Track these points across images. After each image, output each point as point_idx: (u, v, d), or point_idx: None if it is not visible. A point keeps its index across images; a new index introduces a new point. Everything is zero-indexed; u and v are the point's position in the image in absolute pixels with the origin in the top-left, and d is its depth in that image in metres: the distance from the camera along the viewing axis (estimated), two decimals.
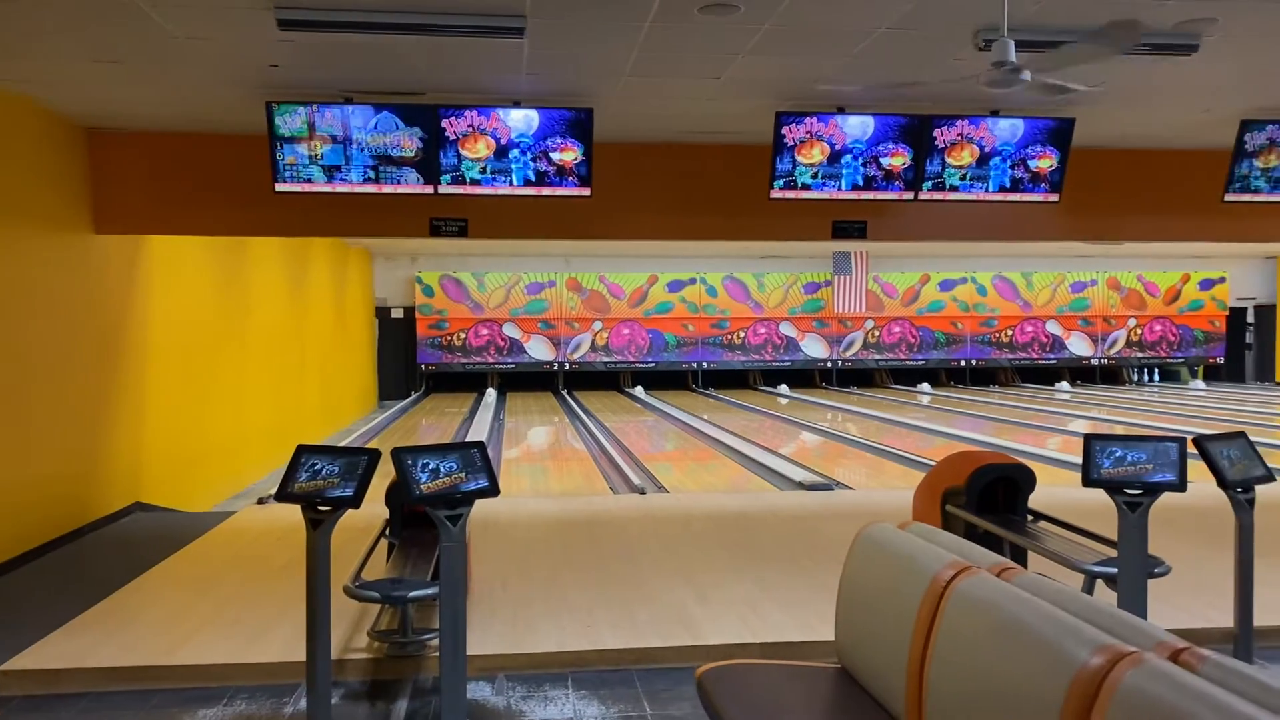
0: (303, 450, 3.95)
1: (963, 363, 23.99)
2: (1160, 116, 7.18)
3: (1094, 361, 24.29)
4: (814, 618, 5.05)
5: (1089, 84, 5.22)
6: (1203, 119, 7.20)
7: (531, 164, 6.60)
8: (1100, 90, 5.92)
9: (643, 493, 9.26)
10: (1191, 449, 4.39)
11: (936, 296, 23.75)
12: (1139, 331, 24.27)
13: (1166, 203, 8.39)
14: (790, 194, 6.88)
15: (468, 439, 9.02)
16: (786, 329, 23.42)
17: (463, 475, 3.82)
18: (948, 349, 23.89)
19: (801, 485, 9.57)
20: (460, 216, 7.56)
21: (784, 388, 22.98)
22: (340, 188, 6.61)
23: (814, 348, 23.56)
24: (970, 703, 2.52)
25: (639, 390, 22.28)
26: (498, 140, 6.53)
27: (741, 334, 23.24)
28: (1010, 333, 23.99)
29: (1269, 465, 4.68)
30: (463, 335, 22.34)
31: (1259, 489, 4.54)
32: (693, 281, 23.06)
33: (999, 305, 23.93)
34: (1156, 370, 24.92)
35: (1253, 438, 4.81)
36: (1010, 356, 24.07)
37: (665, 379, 23.30)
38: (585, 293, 22.72)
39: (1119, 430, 14.59)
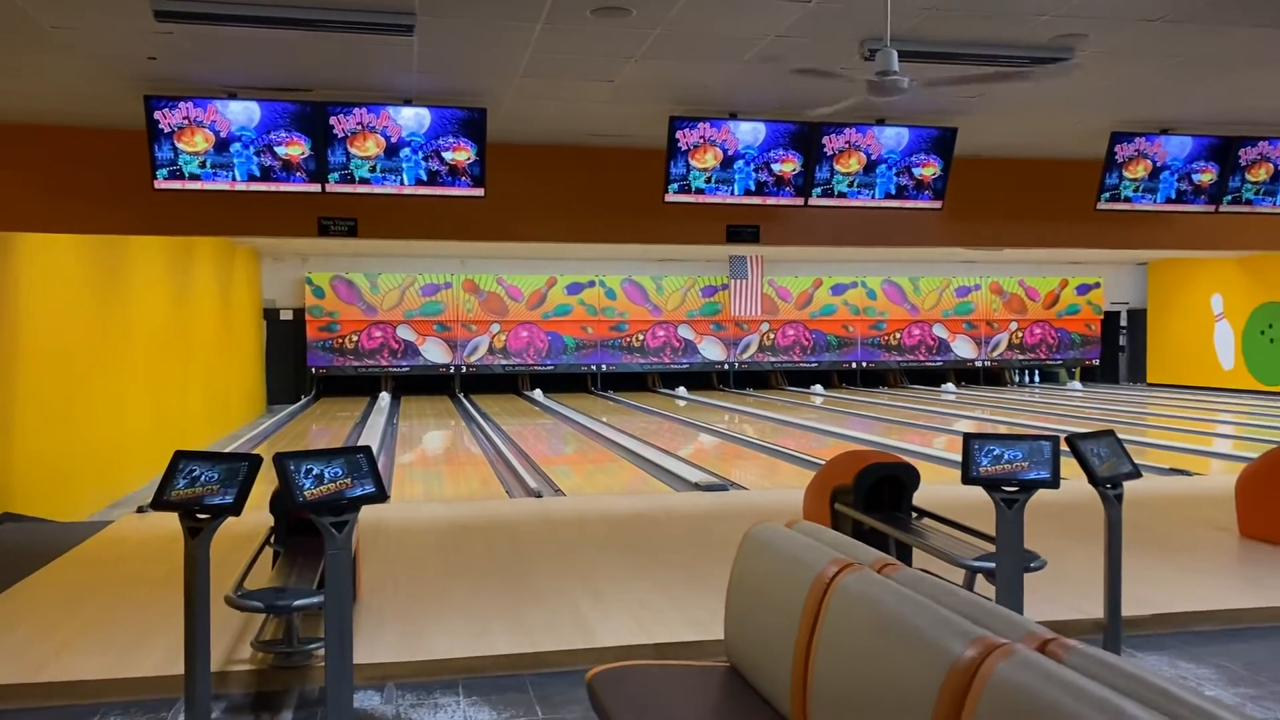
0: (180, 456, 3.82)
1: (854, 365, 24.56)
2: (1037, 128, 7.47)
3: (978, 363, 25.15)
4: (707, 617, 5.10)
5: (968, 95, 5.42)
6: (1077, 130, 7.52)
7: (423, 163, 6.51)
8: (976, 100, 6.13)
9: (539, 496, 9.22)
10: (1064, 447, 4.58)
11: (829, 300, 24.27)
12: (1020, 334, 25.21)
13: (1044, 211, 8.73)
14: (684, 198, 6.94)
15: (359, 444, 8.84)
16: (685, 332, 23.62)
17: (348, 481, 3.74)
18: (839, 351, 24.43)
19: (698, 486, 9.66)
20: (349, 216, 7.41)
21: (682, 390, 23.17)
22: (223, 185, 6.40)
23: (711, 350, 23.82)
24: (852, 696, 2.57)
25: (537, 393, 22.18)
26: (388, 139, 6.42)
27: (640, 336, 23.35)
28: (898, 336, 24.66)
29: (1135, 462, 4.90)
30: (355, 338, 21.89)
31: (1127, 485, 4.76)
32: (591, 284, 23.07)
33: (888, 309, 24.58)
34: (1037, 372, 25.93)
35: (1125, 436, 5.04)
36: (898, 359, 24.74)
37: (564, 381, 23.26)
38: (483, 295, 22.52)
39: (1002, 429, 15.12)
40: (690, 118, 6.73)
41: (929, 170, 7.12)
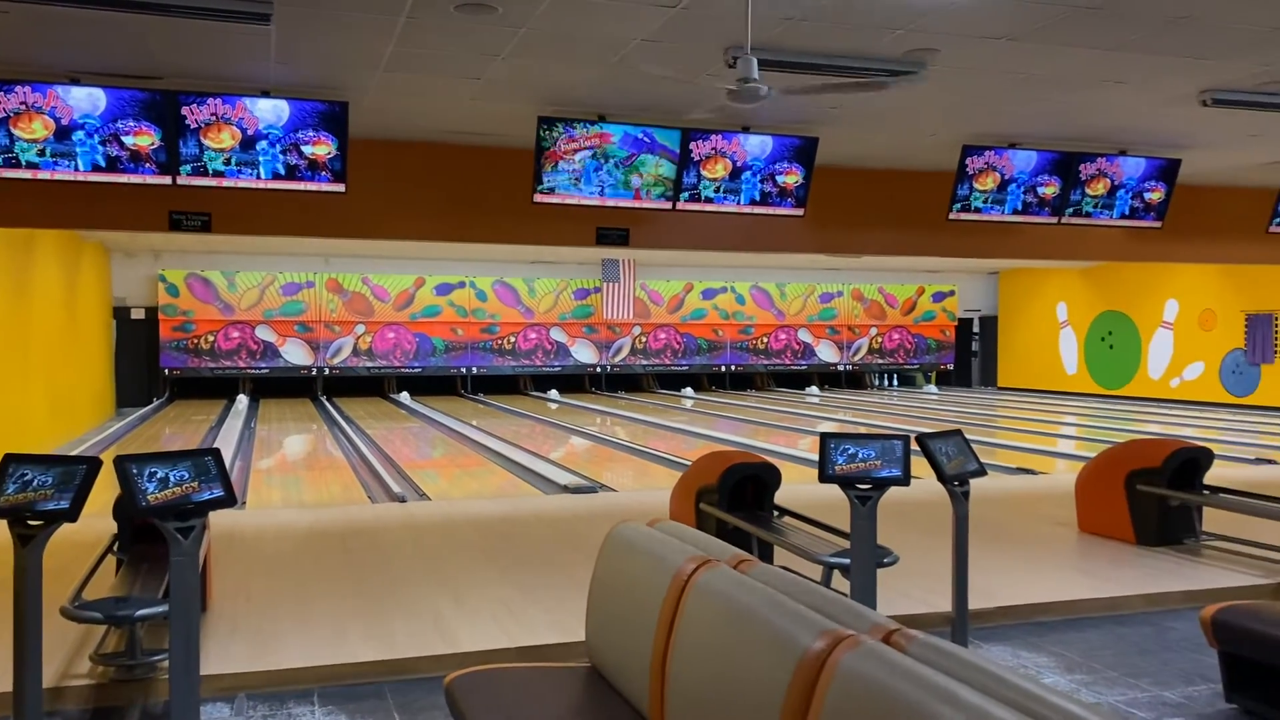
0: (10, 459, 3.59)
1: (723, 368, 24.97)
2: (894, 139, 7.75)
3: (840, 367, 25.92)
4: (572, 619, 5.09)
5: (829, 105, 5.59)
6: (931, 143, 7.83)
7: (281, 157, 6.30)
8: (836, 110, 6.31)
9: (403, 501, 9.04)
10: (915, 446, 4.75)
11: (699, 305, 24.61)
12: (880, 340, 26.10)
13: (901, 220, 9.06)
14: (553, 199, 6.92)
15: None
16: (557, 334, 23.57)
17: (195, 484, 3.58)
18: (709, 355, 24.80)
19: (567, 489, 9.64)
20: (203, 210, 7.11)
21: (554, 393, 23.10)
22: (65, 175, 6.06)
23: (584, 353, 23.84)
24: (707, 691, 2.61)
25: (404, 396, 21.75)
26: (244, 130, 6.19)
27: (512, 339, 23.18)
28: (766, 340, 25.20)
29: (982, 461, 5.13)
30: (211, 338, 21.03)
31: (976, 483, 4.98)
32: (462, 285, 22.79)
33: (756, 314, 25.09)
34: (895, 375, 26.88)
35: (977, 437, 5.27)
36: (766, 362, 25.28)
37: (433, 384, 22.88)
38: (347, 295, 21.97)
39: (862, 430, 15.61)
40: (559, 118, 6.72)
41: (792, 178, 7.29)
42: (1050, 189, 7.95)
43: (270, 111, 6.23)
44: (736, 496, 6.21)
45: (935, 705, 1.89)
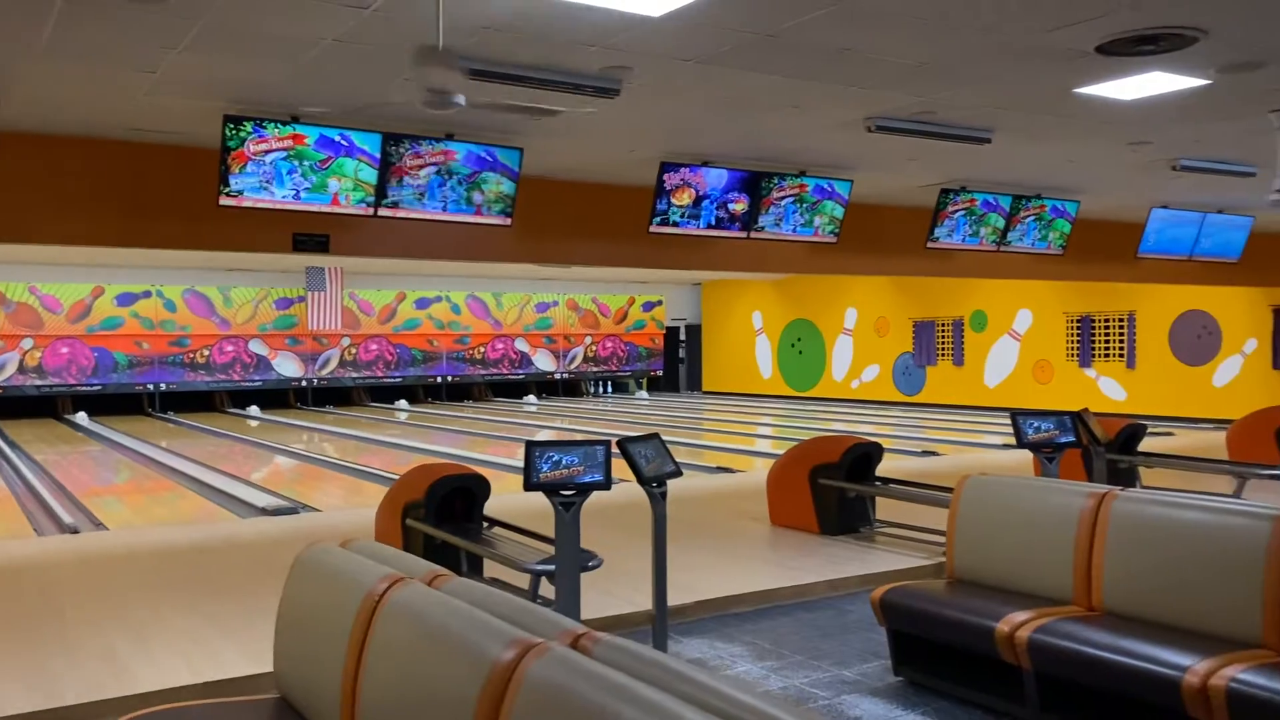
0: None
1: (439, 379, 24.61)
2: (598, 153, 7.94)
3: (557, 376, 26.28)
4: (266, 649, 4.79)
5: (532, 116, 5.64)
6: (633, 158, 8.10)
7: None
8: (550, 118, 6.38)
9: (76, 532, 8.19)
10: (616, 450, 4.88)
11: (413, 314, 24.12)
12: (594, 348, 26.72)
13: (606, 231, 9.30)
14: (242, 202, 6.51)
15: None
16: (257, 346, 22.27)
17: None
18: (424, 366, 24.36)
19: (265, 511, 9.11)
20: None
21: (255, 409, 21.79)
22: None
23: (287, 366, 22.68)
24: (399, 713, 2.53)
25: (81, 417, 19.73)
26: None
27: (206, 352, 21.67)
28: (483, 350, 25.10)
29: (686, 461, 5.36)
30: None
31: (682, 483, 5.19)
32: (147, 294, 21.03)
33: (472, 324, 24.93)
34: (609, 383, 27.62)
35: (684, 440, 5.49)
36: (483, 373, 25.18)
37: (115, 403, 20.93)
38: (11, 306, 19.66)
39: (579, 438, 15.87)
40: (248, 117, 6.34)
41: (498, 187, 7.29)
42: (740, 205, 8.44)
43: None
44: (445, 510, 6.12)
45: (617, 705, 1.93)
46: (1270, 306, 16.65)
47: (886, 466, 8.39)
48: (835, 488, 7.65)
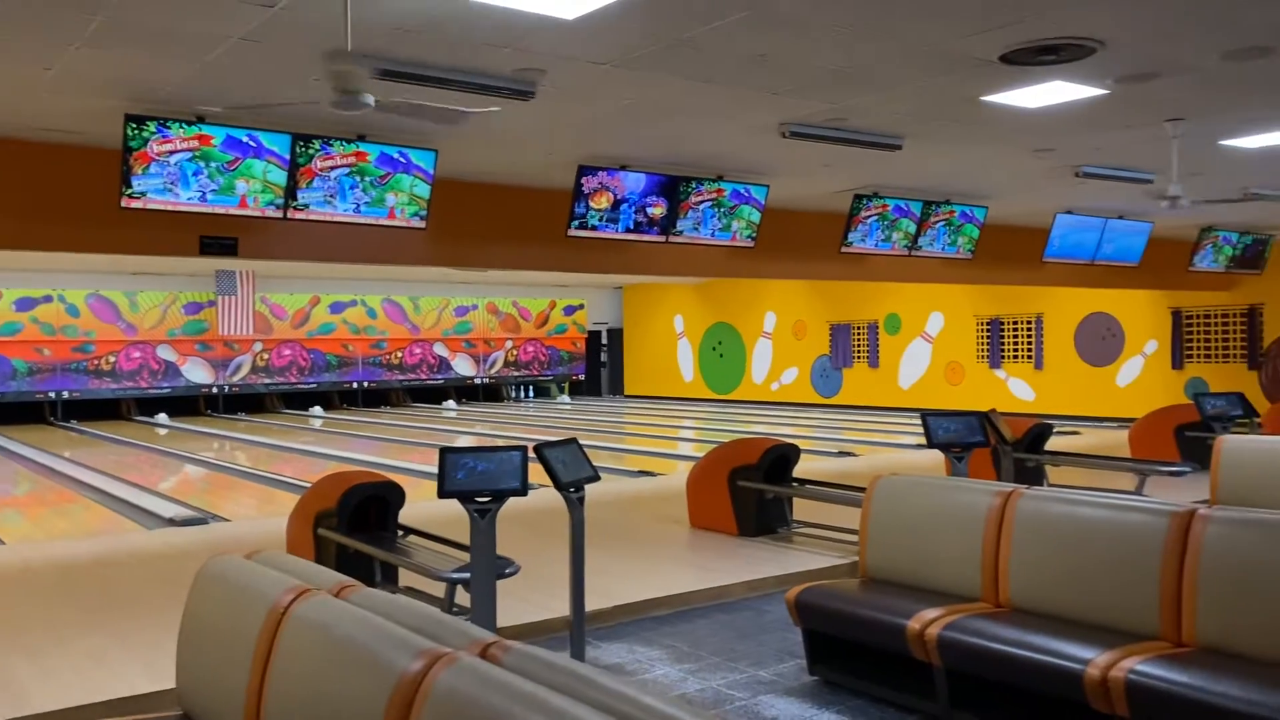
0: None
1: (355, 385, 24.19)
2: (515, 156, 7.88)
3: (477, 380, 26.04)
4: (171, 665, 4.64)
5: (446, 118, 5.55)
6: (550, 161, 8.06)
7: None
8: (458, 124, 6.30)
9: None
10: (533, 455, 4.85)
11: (327, 319, 23.66)
12: (515, 352, 26.54)
13: (524, 235, 9.23)
14: (144, 204, 6.31)
15: None
16: (165, 352, 21.63)
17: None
18: (340, 371, 23.92)
19: (173, 522, 8.84)
20: None
21: (163, 417, 21.14)
22: None
23: (197, 373, 22.06)
24: None
25: None
26: None
27: (112, 358, 20.96)
28: (400, 355, 24.74)
29: (608, 466, 5.34)
30: None
31: (601, 487, 5.17)
32: (49, 299, 20.26)
33: (389, 328, 24.56)
34: (531, 387, 27.46)
35: (606, 444, 5.47)
36: (401, 378, 24.82)
37: (14, 412, 20.10)
38: None
39: (500, 443, 15.76)
40: (151, 117, 6.15)
41: (412, 190, 7.18)
42: (659, 209, 8.47)
43: None
44: (358, 518, 6.01)
45: (525, 713, 1.91)
46: (1169, 309, 17.31)
47: (804, 468, 8.49)
48: (754, 489, 7.72)
